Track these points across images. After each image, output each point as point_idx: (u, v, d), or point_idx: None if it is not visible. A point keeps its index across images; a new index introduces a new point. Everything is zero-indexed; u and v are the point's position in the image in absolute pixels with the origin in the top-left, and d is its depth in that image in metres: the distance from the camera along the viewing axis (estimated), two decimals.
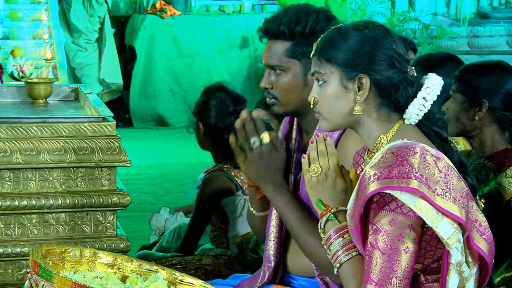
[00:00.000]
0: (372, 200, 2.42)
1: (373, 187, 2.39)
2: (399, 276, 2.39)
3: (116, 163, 3.67)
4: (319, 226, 2.55)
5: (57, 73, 7.01)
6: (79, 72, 9.69)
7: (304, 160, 2.59)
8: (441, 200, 2.37)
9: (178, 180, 8.02)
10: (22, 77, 6.73)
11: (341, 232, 2.52)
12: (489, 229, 2.49)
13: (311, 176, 2.57)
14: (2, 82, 6.32)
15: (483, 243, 2.47)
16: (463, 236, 2.41)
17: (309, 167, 2.58)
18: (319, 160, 2.57)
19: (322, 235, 2.56)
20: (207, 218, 4.27)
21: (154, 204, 7.18)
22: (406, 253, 2.39)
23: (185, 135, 9.75)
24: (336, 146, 2.90)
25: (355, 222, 2.46)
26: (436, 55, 4.33)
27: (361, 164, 2.58)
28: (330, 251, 2.53)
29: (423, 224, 2.40)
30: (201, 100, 4.36)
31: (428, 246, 2.46)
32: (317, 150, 2.59)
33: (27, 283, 2.74)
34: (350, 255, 2.50)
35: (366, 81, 2.50)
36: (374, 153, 2.53)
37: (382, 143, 2.52)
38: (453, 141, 3.84)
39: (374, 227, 2.41)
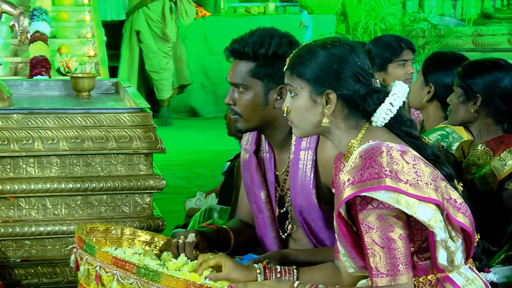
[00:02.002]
0: (355, 203, 2.46)
1: (348, 192, 2.43)
2: (403, 261, 2.42)
3: (153, 150, 3.67)
4: None
5: (99, 69, 7.02)
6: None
7: None
8: (413, 188, 2.40)
9: (208, 166, 8.02)
10: (68, 72, 6.74)
11: None
12: (464, 203, 2.53)
13: None
14: (50, 77, 6.35)
15: (462, 216, 2.50)
16: (442, 214, 2.45)
17: None
18: None
19: None
20: None
21: (186, 188, 7.19)
22: (401, 240, 2.42)
23: (214, 125, 9.77)
24: (316, 147, 2.94)
25: (338, 224, 2.50)
26: (446, 55, 4.31)
27: (342, 168, 2.59)
28: None
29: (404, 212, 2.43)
30: None
31: (415, 230, 2.49)
32: None
33: (72, 257, 2.76)
34: None
35: (333, 96, 2.53)
36: (348, 157, 2.55)
37: (354, 147, 2.54)
38: (446, 131, 3.87)
39: (366, 226, 2.44)
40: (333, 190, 2.68)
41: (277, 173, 3.09)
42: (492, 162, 3.39)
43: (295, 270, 2.78)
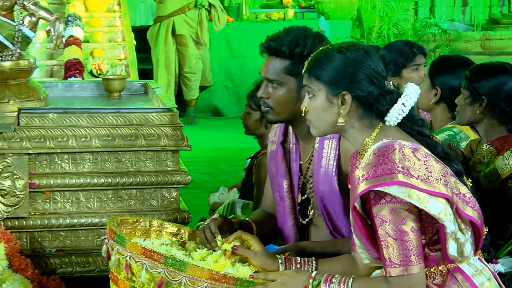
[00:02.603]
0: (369, 197, 2.46)
1: (362, 187, 2.43)
2: (415, 252, 2.42)
3: (179, 148, 3.68)
4: None
5: (129, 71, 7.04)
6: None
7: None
8: (424, 184, 2.40)
9: (230, 162, 8.01)
10: (100, 74, 6.76)
11: (327, 280, 2.55)
12: (473, 198, 2.53)
13: None
14: (83, 79, 6.37)
15: (470, 210, 2.50)
16: (452, 208, 2.45)
17: None
18: None
19: None
20: None
21: (210, 183, 7.19)
22: (413, 232, 2.43)
23: (236, 124, 9.75)
24: (339, 137, 2.94)
25: (354, 217, 2.50)
26: (451, 59, 4.30)
27: (357, 165, 2.59)
28: None
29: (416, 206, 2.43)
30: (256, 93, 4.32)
31: (426, 223, 2.49)
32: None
33: (104, 247, 2.76)
34: (349, 282, 2.53)
35: (348, 97, 2.54)
36: (363, 155, 2.55)
37: (368, 145, 2.54)
38: (453, 131, 3.85)
39: (379, 219, 2.44)
40: (349, 186, 2.69)
41: (300, 162, 3.09)
42: (496, 161, 3.38)
43: (314, 261, 2.78)
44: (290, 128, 3.12)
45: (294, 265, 2.78)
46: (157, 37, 9.70)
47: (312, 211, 3.06)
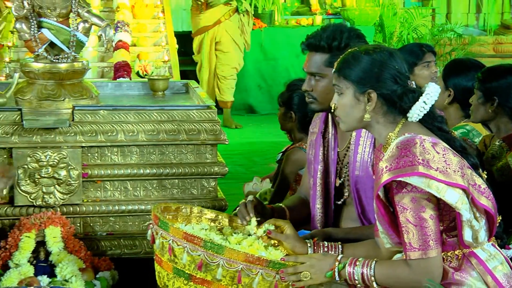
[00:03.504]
0: (392, 187, 2.44)
1: (385, 177, 2.42)
2: (433, 238, 2.41)
3: (217, 142, 3.68)
4: (337, 278, 2.57)
5: (171, 72, 7.05)
6: None
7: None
8: (442, 175, 2.39)
9: (263, 155, 7.99)
10: (145, 75, 6.78)
11: (352, 263, 2.54)
12: (488, 189, 2.51)
13: (306, 279, 2.60)
14: (130, 79, 6.40)
15: (485, 200, 2.49)
16: (468, 198, 2.44)
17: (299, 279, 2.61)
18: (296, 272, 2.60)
19: (342, 280, 2.58)
20: (288, 184, 4.24)
21: (245, 174, 7.17)
22: (432, 219, 2.41)
23: (269, 120, 9.74)
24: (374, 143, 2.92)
25: (377, 205, 2.49)
26: (463, 62, 4.26)
27: (381, 158, 2.57)
28: (357, 280, 2.54)
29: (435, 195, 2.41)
30: (287, 93, 4.33)
31: (444, 211, 2.47)
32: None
33: (149, 232, 2.77)
34: (371, 265, 2.52)
35: (373, 95, 2.53)
36: (387, 148, 2.54)
37: (392, 139, 2.53)
38: (466, 129, 3.82)
39: (401, 207, 2.43)
40: (374, 177, 2.67)
41: (338, 150, 3.08)
42: (508, 156, 3.35)
43: (340, 246, 2.77)
44: (330, 119, 3.12)
45: (322, 249, 2.76)
46: (201, 45, 9.54)
47: (347, 193, 3.05)
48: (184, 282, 2.64)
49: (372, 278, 2.51)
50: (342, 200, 3.08)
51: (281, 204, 3.19)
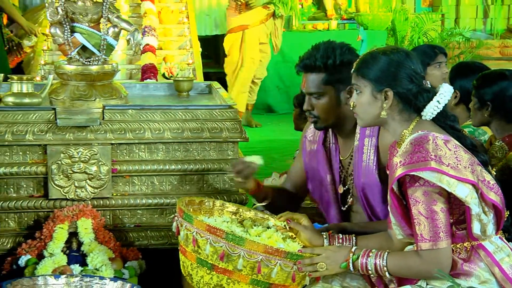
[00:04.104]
0: (405, 181, 2.43)
1: (399, 171, 2.41)
2: (443, 230, 2.40)
3: (238, 139, 3.68)
4: (351, 269, 2.56)
5: (195, 74, 7.05)
6: None
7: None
8: (453, 170, 2.38)
9: (281, 152, 7.97)
10: (171, 77, 6.78)
11: (365, 254, 2.54)
12: (496, 184, 2.51)
13: (322, 270, 2.60)
14: (157, 80, 6.40)
15: (494, 195, 2.48)
16: (477, 193, 2.43)
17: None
18: (312, 263, 2.60)
19: (356, 271, 2.57)
20: None
21: (264, 170, 7.13)
22: (442, 212, 2.40)
23: (286, 119, 9.73)
24: (378, 135, 2.90)
25: (391, 198, 2.48)
26: (468, 65, 4.23)
27: (395, 153, 2.56)
28: (370, 270, 2.53)
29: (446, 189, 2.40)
30: (301, 95, 4.30)
31: (454, 205, 2.46)
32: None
33: (174, 224, 2.78)
34: (384, 256, 2.51)
35: (390, 93, 2.52)
36: (401, 144, 2.53)
37: (406, 136, 2.52)
38: (473, 128, 3.79)
39: (413, 200, 2.42)
40: (387, 171, 2.66)
41: (341, 158, 3.05)
42: (508, 156, 3.33)
43: (354, 237, 2.76)
44: (330, 129, 3.09)
45: (336, 240, 2.76)
46: (241, 44, 9.06)
47: (351, 199, 3.03)
48: (207, 272, 2.64)
49: (385, 268, 2.50)
50: (346, 206, 3.06)
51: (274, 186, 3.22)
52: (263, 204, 3.16)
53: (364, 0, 11.06)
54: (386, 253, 2.51)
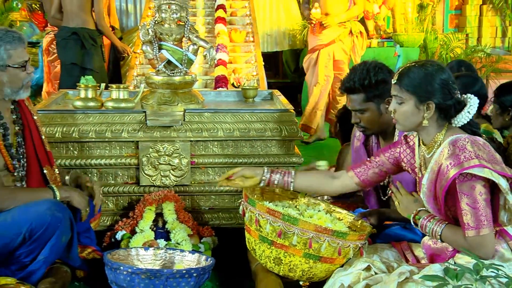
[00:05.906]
0: (454, 179, 2.35)
1: (453, 172, 2.32)
2: (487, 218, 2.32)
3: (294, 138, 3.66)
4: (412, 222, 2.54)
5: (259, 83, 7.05)
6: None
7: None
8: (493, 165, 2.31)
9: (331, 150, 7.91)
10: (239, 86, 6.80)
11: (427, 218, 2.48)
12: None
13: (397, 205, 2.62)
14: (227, 89, 6.42)
15: None
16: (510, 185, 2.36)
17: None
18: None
19: (415, 226, 2.54)
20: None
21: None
22: (486, 202, 2.32)
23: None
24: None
25: (440, 194, 2.39)
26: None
27: (403, 145, 2.62)
28: (427, 232, 2.47)
29: (488, 182, 2.33)
30: (339, 110, 4.24)
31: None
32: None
33: (241, 207, 2.78)
34: (442, 226, 2.44)
35: (432, 105, 2.43)
36: (431, 146, 2.45)
37: (438, 140, 2.44)
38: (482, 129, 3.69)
39: (461, 193, 2.33)
40: (385, 154, 2.66)
41: None
42: None
43: (292, 172, 2.76)
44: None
45: (276, 172, 2.78)
46: (315, 63, 7.94)
47: (390, 191, 2.99)
48: (268, 247, 2.63)
49: (438, 235, 2.44)
50: (386, 197, 3.02)
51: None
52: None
53: (400, 22, 10.88)
54: (445, 224, 2.44)
